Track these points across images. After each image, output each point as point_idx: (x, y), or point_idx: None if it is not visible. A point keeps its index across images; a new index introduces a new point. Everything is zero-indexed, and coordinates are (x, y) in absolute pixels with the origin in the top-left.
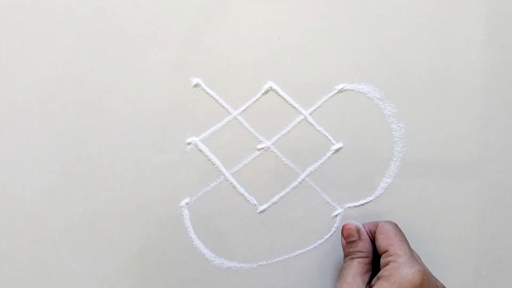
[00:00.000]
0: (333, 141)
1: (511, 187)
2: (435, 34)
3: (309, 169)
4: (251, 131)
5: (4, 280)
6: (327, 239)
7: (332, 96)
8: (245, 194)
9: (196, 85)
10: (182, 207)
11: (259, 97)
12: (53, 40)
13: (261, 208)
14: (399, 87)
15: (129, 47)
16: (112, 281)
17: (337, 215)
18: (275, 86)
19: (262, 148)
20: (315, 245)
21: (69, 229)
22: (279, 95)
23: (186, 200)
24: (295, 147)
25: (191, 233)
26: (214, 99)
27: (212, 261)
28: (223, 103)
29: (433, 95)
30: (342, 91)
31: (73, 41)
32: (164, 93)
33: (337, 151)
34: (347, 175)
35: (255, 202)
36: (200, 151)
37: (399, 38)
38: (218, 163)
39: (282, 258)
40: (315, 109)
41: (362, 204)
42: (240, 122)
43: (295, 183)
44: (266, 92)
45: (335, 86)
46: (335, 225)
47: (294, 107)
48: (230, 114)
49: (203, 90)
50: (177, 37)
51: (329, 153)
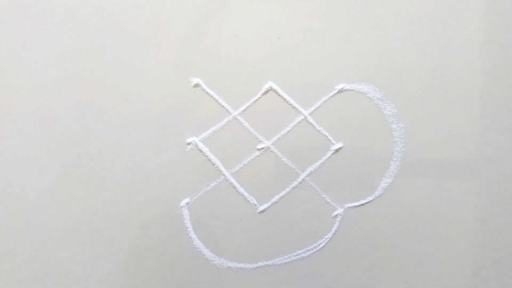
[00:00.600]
0: (333, 141)
1: (511, 187)
2: (435, 34)
3: (309, 169)
4: (251, 131)
5: (4, 280)
6: (327, 239)
7: (332, 96)
8: (245, 194)
9: (196, 85)
10: (182, 207)
11: (259, 97)
12: (53, 40)
13: (261, 208)
14: (399, 87)
15: (129, 47)
16: (112, 281)
17: (337, 215)
18: (275, 86)
19: (262, 148)
20: (315, 245)
21: (69, 229)
22: (279, 95)
23: (186, 200)
24: (295, 147)
25: (191, 233)
26: (214, 99)
27: (212, 261)
28: (223, 103)
29: (433, 95)
30: (342, 91)
31: (73, 41)
32: (164, 93)
33: (337, 151)
34: (347, 175)
35: (255, 202)
36: (200, 151)
37: (399, 38)
38: (218, 163)
39: (282, 258)
40: (315, 109)
41: (362, 204)
42: (240, 122)
43: (295, 183)
44: (266, 92)
45: (335, 86)
46: (335, 225)
47: (294, 107)
48: (230, 114)
49: (203, 90)
50: (177, 37)
51: (329, 153)
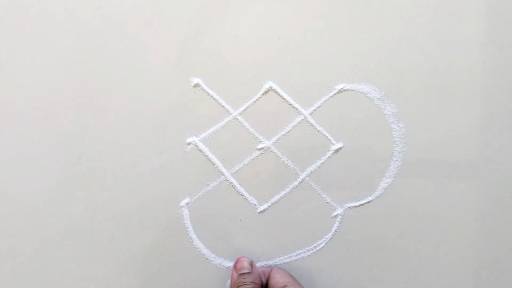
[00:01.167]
0: (333, 141)
1: (511, 187)
2: (435, 34)
3: (309, 169)
4: (251, 131)
5: (4, 280)
6: (327, 239)
7: (332, 96)
8: (245, 194)
9: (196, 85)
10: (182, 207)
11: (259, 97)
12: (53, 40)
13: (261, 208)
14: (399, 87)
15: (129, 47)
16: (112, 281)
17: (337, 215)
18: (275, 86)
19: (262, 148)
20: (315, 245)
21: (69, 229)
22: (279, 95)
23: (186, 200)
24: (295, 147)
25: (191, 233)
26: (214, 99)
27: (212, 261)
28: (223, 103)
29: (433, 95)
30: (342, 91)
31: (73, 41)
32: (164, 93)
33: (337, 151)
34: (347, 175)
35: (255, 202)
36: (200, 151)
37: (399, 38)
38: (218, 163)
39: (282, 258)
40: (315, 109)
41: (362, 204)
42: (240, 122)
43: (295, 183)
44: (266, 92)
45: (335, 86)
46: (335, 225)
47: (294, 107)
48: (230, 114)
49: (203, 90)
50: (177, 37)
51: (329, 153)
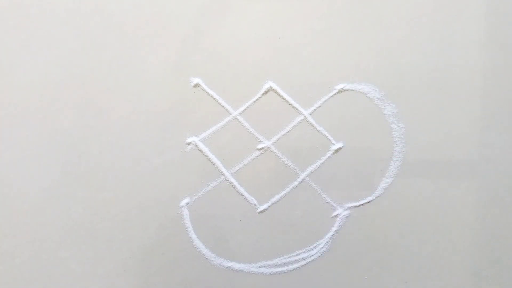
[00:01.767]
0: (333, 141)
1: (511, 187)
2: (435, 34)
3: (309, 169)
4: (251, 131)
5: (4, 280)
6: (327, 239)
7: (332, 96)
8: (245, 194)
9: (196, 85)
10: (182, 207)
11: (259, 97)
12: (53, 40)
13: (261, 208)
14: (399, 87)
15: (129, 47)
16: (112, 281)
17: (337, 215)
18: (275, 86)
19: (262, 148)
20: (315, 245)
21: (69, 229)
22: (279, 95)
23: (186, 200)
24: (295, 147)
25: (191, 233)
26: (214, 99)
27: (212, 261)
28: (223, 103)
29: (433, 95)
30: (342, 91)
31: (73, 41)
32: (164, 93)
33: (337, 151)
34: (347, 175)
35: (255, 202)
36: (200, 151)
37: (399, 38)
38: (218, 163)
39: (282, 258)
40: (315, 109)
41: (362, 204)
42: (240, 122)
43: (295, 183)
44: (266, 92)
45: (335, 86)
46: (335, 225)
47: (294, 107)
48: (230, 114)
49: (203, 90)
50: (177, 37)
51: (329, 153)
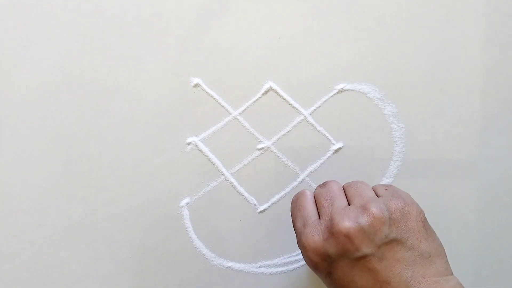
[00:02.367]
0: (333, 141)
1: (511, 187)
2: (435, 34)
3: (309, 169)
4: (251, 131)
5: (4, 280)
6: None
7: (332, 96)
8: (245, 194)
9: (196, 85)
10: (182, 207)
11: (259, 97)
12: (53, 40)
13: (261, 208)
14: (399, 87)
15: (129, 47)
16: (112, 281)
17: None
18: (275, 86)
19: (262, 148)
20: None
21: (69, 229)
22: (279, 95)
23: (186, 200)
24: (295, 147)
25: (191, 233)
26: (214, 99)
27: (212, 261)
28: (223, 103)
29: (433, 95)
30: (342, 91)
31: (73, 41)
32: (164, 93)
33: (337, 151)
34: (347, 175)
35: (255, 202)
36: (200, 151)
37: (399, 38)
38: (218, 163)
39: (282, 258)
40: (315, 109)
41: None
42: (240, 122)
43: (295, 183)
44: (266, 92)
45: (335, 86)
46: None
47: (294, 107)
48: (230, 114)
49: (203, 90)
50: (177, 37)
51: (329, 153)
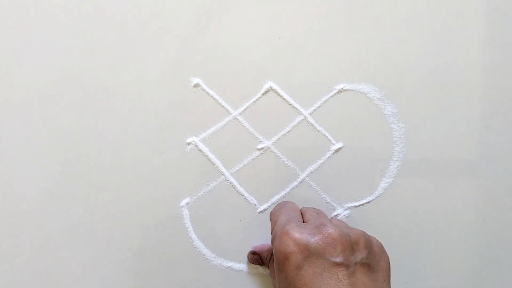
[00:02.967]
0: (333, 141)
1: (511, 187)
2: (435, 34)
3: (309, 169)
4: (251, 131)
5: (4, 280)
6: None
7: (332, 96)
8: (245, 194)
9: (196, 85)
10: (182, 207)
11: (259, 97)
12: (53, 40)
13: (261, 208)
14: (399, 87)
15: (129, 47)
16: (112, 281)
17: (337, 215)
18: (275, 86)
19: (262, 148)
20: None
21: (69, 229)
22: (279, 95)
23: (186, 200)
24: (295, 147)
25: (191, 233)
26: (214, 99)
27: (212, 261)
28: (223, 103)
29: (433, 95)
30: (342, 91)
31: (73, 41)
32: (164, 93)
33: (337, 151)
34: (347, 175)
35: (255, 202)
36: (200, 151)
37: (399, 38)
38: (218, 163)
39: None
40: (315, 109)
41: (362, 204)
42: (240, 122)
43: (295, 183)
44: (266, 92)
45: (335, 86)
46: None
47: (294, 107)
48: (230, 114)
49: (203, 90)
50: (177, 37)
51: (329, 153)
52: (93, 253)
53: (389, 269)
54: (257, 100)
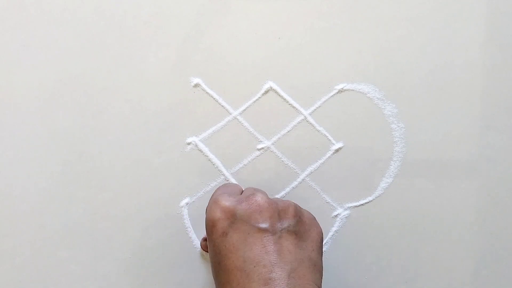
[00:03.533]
0: (333, 141)
1: (511, 187)
2: (435, 34)
3: (309, 169)
4: (251, 131)
5: (4, 280)
6: (327, 239)
7: (332, 96)
8: None
9: (196, 85)
10: (182, 207)
11: (259, 97)
12: (53, 40)
13: None
14: (399, 87)
15: (129, 47)
16: (112, 281)
17: (337, 215)
18: (275, 86)
19: (262, 148)
20: None
21: (69, 229)
22: (279, 95)
23: (186, 200)
24: (295, 147)
25: (191, 233)
26: (214, 99)
27: None
28: (223, 103)
29: (433, 95)
30: (342, 91)
31: (73, 41)
32: (164, 93)
33: (337, 151)
34: (347, 175)
35: None
36: (200, 151)
37: (399, 38)
38: (218, 163)
39: None
40: (315, 109)
41: (362, 204)
42: (240, 122)
43: (295, 183)
44: (266, 92)
45: (335, 86)
46: (335, 225)
47: (294, 107)
48: (230, 114)
49: (203, 90)
50: (177, 37)
51: (329, 153)
52: (93, 253)
53: (320, 241)
54: (257, 100)
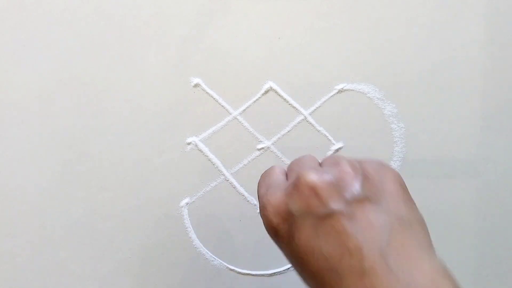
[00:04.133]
0: (333, 141)
1: (511, 187)
2: (435, 34)
3: None
4: (251, 131)
5: (4, 280)
6: None
7: (332, 96)
8: (245, 194)
9: (196, 85)
10: (182, 207)
11: (259, 97)
12: (53, 40)
13: None
14: (399, 87)
15: (129, 47)
16: (112, 281)
17: None
18: (275, 86)
19: (262, 148)
20: None
21: (69, 229)
22: (279, 95)
23: (186, 200)
24: (295, 147)
25: (191, 233)
26: (214, 99)
27: (212, 261)
28: (223, 103)
29: (433, 95)
30: (342, 91)
31: (73, 41)
32: (164, 93)
33: (337, 151)
34: None
35: (255, 202)
36: (200, 151)
37: (399, 38)
38: (218, 163)
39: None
40: (315, 109)
41: None
42: (240, 122)
43: None
44: (266, 92)
45: (335, 86)
46: None
47: (294, 107)
48: (230, 114)
49: (203, 90)
50: (177, 37)
51: (329, 153)
52: (93, 253)
53: (401, 187)
54: (257, 100)
